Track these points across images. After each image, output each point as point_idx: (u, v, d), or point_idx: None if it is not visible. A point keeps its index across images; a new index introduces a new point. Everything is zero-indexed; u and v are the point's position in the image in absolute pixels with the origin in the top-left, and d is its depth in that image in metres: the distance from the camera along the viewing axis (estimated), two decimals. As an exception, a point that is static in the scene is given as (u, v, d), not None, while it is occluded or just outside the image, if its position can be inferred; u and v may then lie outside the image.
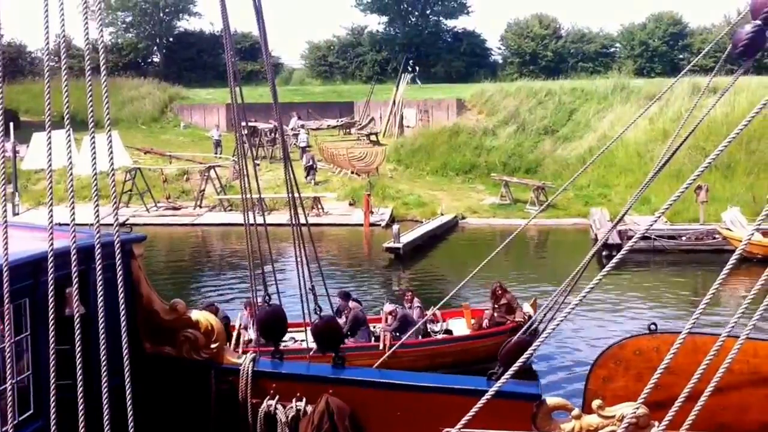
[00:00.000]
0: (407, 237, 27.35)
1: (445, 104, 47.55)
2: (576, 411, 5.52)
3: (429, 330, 15.67)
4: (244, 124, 7.21)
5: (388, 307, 15.67)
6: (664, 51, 61.11)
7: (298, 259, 7.00)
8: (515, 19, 67.54)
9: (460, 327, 16.20)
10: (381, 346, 14.42)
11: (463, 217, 33.85)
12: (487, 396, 4.73)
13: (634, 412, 4.86)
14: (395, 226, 27.74)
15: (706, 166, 4.74)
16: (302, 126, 44.17)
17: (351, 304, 15.45)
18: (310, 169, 38.71)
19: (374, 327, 15.58)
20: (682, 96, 39.93)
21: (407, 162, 41.84)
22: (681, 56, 59.98)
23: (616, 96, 44.57)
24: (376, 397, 6.09)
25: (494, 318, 15.56)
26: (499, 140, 42.41)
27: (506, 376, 4.89)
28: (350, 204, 35.24)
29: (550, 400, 5.53)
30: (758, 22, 4.75)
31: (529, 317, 15.24)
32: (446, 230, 31.55)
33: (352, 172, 38.19)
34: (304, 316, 6.93)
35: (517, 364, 4.88)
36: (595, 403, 5.41)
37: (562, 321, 5.39)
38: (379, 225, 31.74)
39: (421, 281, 23.92)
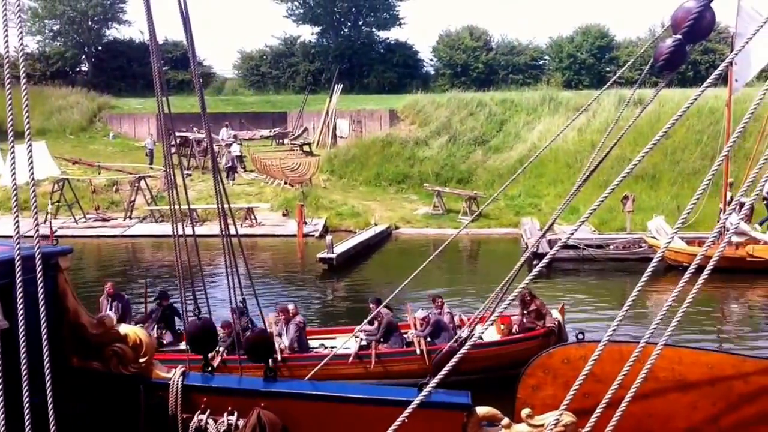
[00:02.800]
0: (341, 247, 27.36)
1: (377, 115, 47.73)
2: (505, 420, 5.56)
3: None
4: (174, 134, 7.10)
5: (421, 313, 15.99)
6: (591, 63, 62.38)
7: (229, 271, 6.93)
8: (447, 31, 68.20)
9: (487, 333, 16.28)
10: (417, 352, 14.75)
11: (397, 227, 34.01)
12: (413, 405, 4.75)
13: (557, 420, 4.93)
14: (329, 237, 27.73)
15: (625, 176, 4.86)
16: (234, 136, 43.83)
17: (383, 310, 15.56)
18: (231, 170, 38.71)
19: (405, 333, 15.84)
20: (609, 107, 41.01)
21: (340, 172, 41.87)
22: (608, 69, 61.23)
23: (545, 107, 45.43)
24: (308, 410, 6.05)
25: (524, 324, 15.79)
26: (432, 151, 42.74)
27: (431, 384, 4.92)
28: (284, 214, 35.09)
29: (480, 409, 5.55)
30: (679, 36, 4.86)
31: (559, 323, 15.59)
32: (380, 240, 31.64)
33: (286, 183, 38.04)
34: (234, 327, 6.87)
35: (442, 372, 4.91)
36: (524, 411, 5.46)
37: (487, 329, 5.45)
38: (313, 235, 31.67)
39: (355, 291, 23.95)
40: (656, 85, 5.95)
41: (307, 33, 72.71)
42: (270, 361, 6.48)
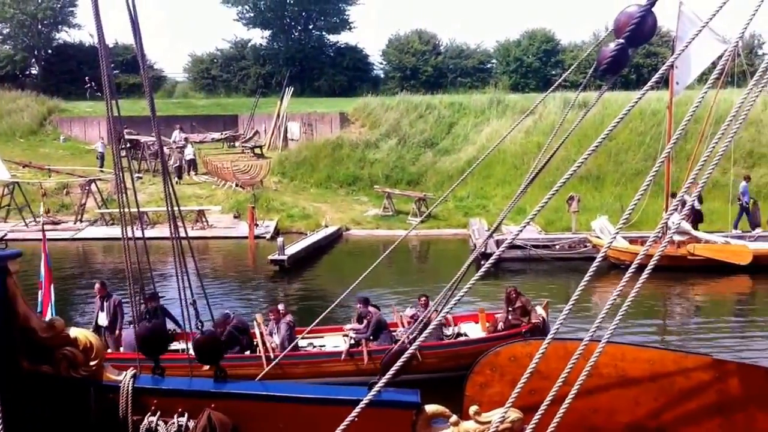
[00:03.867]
0: (292, 249, 27.35)
1: (328, 117, 47.66)
2: (454, 418, 5.64)
3: (441, 334, 16.07)
4: (124, 137, 7.09)
5: (409, 311, 16.32)
6: (537, 67, 63.09)
7: (179, 273, 6.93)
8: (396, 35, 68.39)
9: (472, 330, 16.53)
10: None
11: (347, 229, 34.09)
12: (362, 404, 4.81)
13: (503, 417, 5.04)
14: (280, 239, 27.70)
15: (569, 176, 4.98)
16: (186, 139, 43.45)
17: (371, 309, 15.92)
18: (179, 170, 38.38)
19: (394, 331, 15.97)
20: (555, 110, 41.60)
21: (291, 174, 41.78)
22: (554, 72, 61.99)
23: (493, 110, 45.83)
24: (258, 410, 6.07)
25: (509, 321, 16.01)
26: (382, 153, 42.89)
27: (381, 384, 5.00)
28: (235, 217, 34.95)
29: (429, 407, 5.62)
30: (621, 40, 4.98)
31: (543, 319, 15.85)
32: (330, 242, 31.69)
33: (237, 185, 37.85)
34: (184, 330, 6.88)
35: (391, 371, 4.99)
36: (472, 409, 5.53)
37: (434, 328, 5.55)
38: (264, 237, 31.61)
39: (306, 292, 23.97)
40: (600, 88, 6.08)
41: (258, 36, 72.39)
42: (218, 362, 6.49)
